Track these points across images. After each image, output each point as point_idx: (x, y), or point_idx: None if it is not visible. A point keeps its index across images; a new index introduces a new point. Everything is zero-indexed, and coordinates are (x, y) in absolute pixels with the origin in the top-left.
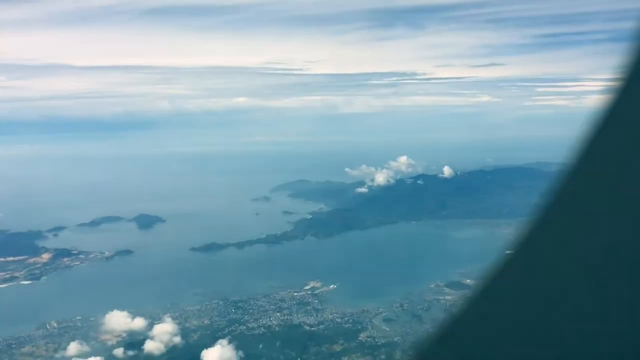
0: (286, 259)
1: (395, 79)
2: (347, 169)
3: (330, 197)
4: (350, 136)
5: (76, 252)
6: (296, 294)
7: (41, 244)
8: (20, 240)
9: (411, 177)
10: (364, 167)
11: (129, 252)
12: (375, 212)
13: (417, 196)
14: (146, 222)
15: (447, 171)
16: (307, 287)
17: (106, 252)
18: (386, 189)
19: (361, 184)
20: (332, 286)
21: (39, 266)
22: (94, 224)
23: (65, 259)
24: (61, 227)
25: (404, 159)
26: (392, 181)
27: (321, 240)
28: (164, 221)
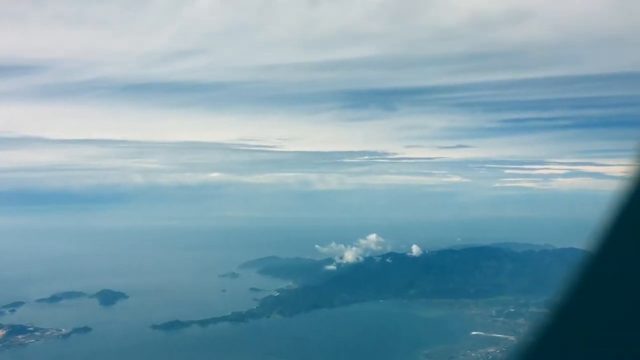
0: (250, 337)
1: (367, 157)
2: (317, 246)
3: (299, 274)
4: (322, 213)
5: (32, 328)
6: None
7: None
8: None
9: (380, 256)
10: (334, 244)
11: (87, 329)
12: (343, 290)
13: (385, 275)
14: (109, 298)
15: (416, 250)
16: None
17: (63, 329)
18: (355, 267)
19: (330, 261)
20: None
21: None
22: (54, 299)
23: (19, 336)
24: (20, 303)
25: (373, 237)
26: (361, 259)
27: (287, 318)
28: (127, 297)
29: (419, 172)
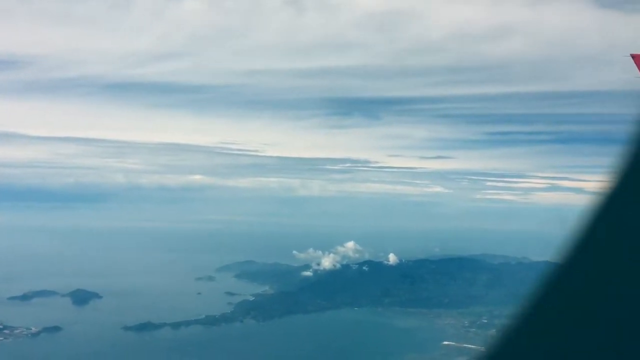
0: (221, 342)
1: (349, 165)
2: (295, 252)
3: (275, 279)
4: (302, 219)
5: (1, 326)
6: None
7: None
8: None
9: (357, 263)
10: (312, 250)
11: (57, 328)
12: (318, 296)
13: (361, 283)
14: (82, 297)
15: (393, 259)
16: None
17: (33, 328)
18: (331, 274)
19: (307, 267)
20: None
21: None
22: (25, 297)
23: None
24: None
25: (351, 245)
26: (338, 266)
27: (260, 323)
28: (101, 297)
29: (401, 182)
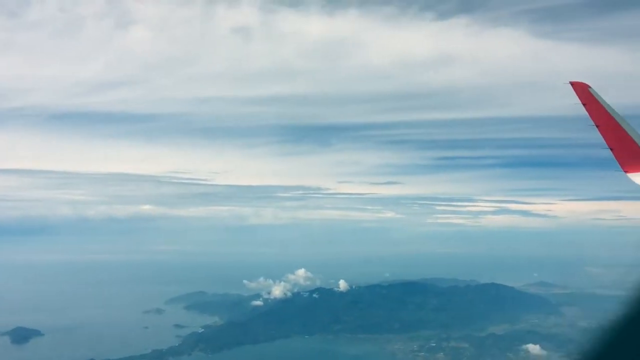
0: None
1: (301, 192)
2: (246, 281)
3: (226, 310)
4: (254, 248)
5: None
6: None
7: None
8: None
9: (308, 291)
10: (262, 279)
11: None
12: (269, 326)
13: (312, 310)
14: (22, 335)
15: (343, 285)
16: None
17: None
18: (282, 303)
19: (258, 296)
20: None
21: None
22: None
23: None
24: None
25: (302, 272)
26: (288, 294)
27: (209, 355)
28: (43, 335)
29: (353, 208)
